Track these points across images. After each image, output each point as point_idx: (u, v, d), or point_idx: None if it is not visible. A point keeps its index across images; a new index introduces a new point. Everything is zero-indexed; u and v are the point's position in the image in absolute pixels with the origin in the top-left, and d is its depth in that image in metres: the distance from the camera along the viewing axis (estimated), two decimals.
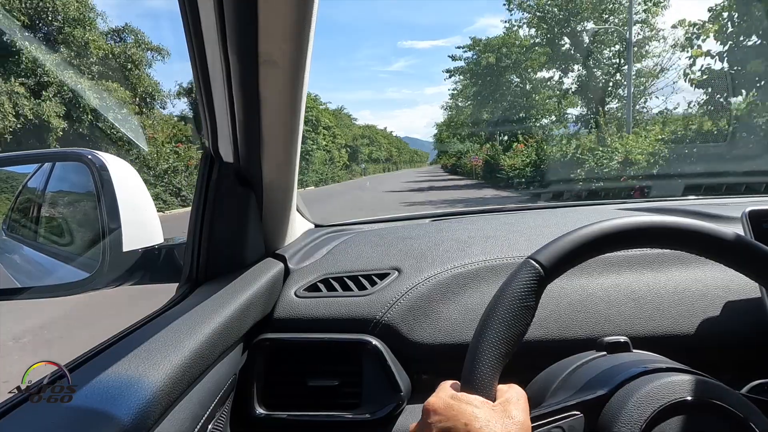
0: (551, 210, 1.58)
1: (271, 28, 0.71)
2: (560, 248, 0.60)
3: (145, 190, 0.94)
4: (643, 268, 1.00)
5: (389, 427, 0.90)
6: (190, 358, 0.66)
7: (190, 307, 0.80)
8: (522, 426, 0.51)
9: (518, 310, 0.57)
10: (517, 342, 0.57)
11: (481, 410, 0.52)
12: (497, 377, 0.56)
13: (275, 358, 0.95)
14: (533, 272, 0.59)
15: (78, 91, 14.58)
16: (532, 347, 0.87)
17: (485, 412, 0.52)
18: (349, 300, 0.98)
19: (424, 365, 0.95)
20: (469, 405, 0.52)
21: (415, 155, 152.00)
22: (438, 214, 1.66)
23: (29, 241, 1.40)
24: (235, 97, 0.81)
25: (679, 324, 0.92)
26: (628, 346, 0.68)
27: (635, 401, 0.55)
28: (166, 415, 0.60)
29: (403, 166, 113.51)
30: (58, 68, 14.65)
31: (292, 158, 0.97)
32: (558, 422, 0.56)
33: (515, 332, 0.57)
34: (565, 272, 0.61)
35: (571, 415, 0.56)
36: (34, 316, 4.24)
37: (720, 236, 0.62)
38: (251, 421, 0.91)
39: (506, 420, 0.51)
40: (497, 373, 0.55)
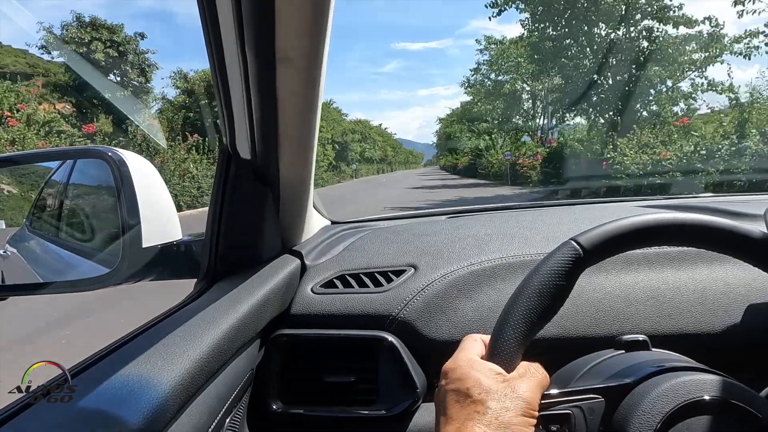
0: (568, 207, 1.56)
1: (288, 26, 0.71)
2: (603, 233, 0.60)
3: (163, 187, 0.95)
4: (663, 266, 0.99)
5: (405, 424, 0.90)
6: (208, 353, 0.67)
7: (208, 302, 0.80)
8: (525, 402, 0.52)
9: (552, 286, 0.58)
10: (546, 317, 0.58)
11: (488, 380, 0.53)
12: (521, 350, 0.56)
13: (292, 353, 0.96)
14: (573, 252, 0.59)
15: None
16: (550, 345, 0.87)
17: (491, 381, 0.53)
18: (365, 296, 0.98)
19: (441, 362, 0.95)
20: (479, 372, 0.54)
21: (410, 155, 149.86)
22: (455, 211, 1.66)
23: (51, 237, 1.43)
24: (253, 94, 0.81)
25: (700, 323, 0.91)
26: (647, 345, 0.67)
27: (655, 396, 0.55)
28: (184, 409, 0.61)
29: (398, 167, 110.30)
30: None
31: (308, 155, 0.97)
32: (578, 402, 0.56)
33: (545, 307, 0.57)
34: (602, 261, 0.61)
35: (592, 397, 0.57)
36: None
37: (749, 235, 0.61)
38: (268, 416, 0.92)
39: (509, 392, 0.52)
40: (522, 346, 0.56)
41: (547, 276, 0.58)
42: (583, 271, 0.61)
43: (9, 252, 1.49)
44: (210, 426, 0.68)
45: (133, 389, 0.55)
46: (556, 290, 0.58)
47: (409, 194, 20.84)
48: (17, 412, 0.53)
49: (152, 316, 0.81)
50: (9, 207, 6.16)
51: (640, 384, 0.57)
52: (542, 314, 0.57)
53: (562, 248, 0.60)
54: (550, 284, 0.58)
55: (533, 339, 0.58)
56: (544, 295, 0.58)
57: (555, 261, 0.59)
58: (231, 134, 0.93)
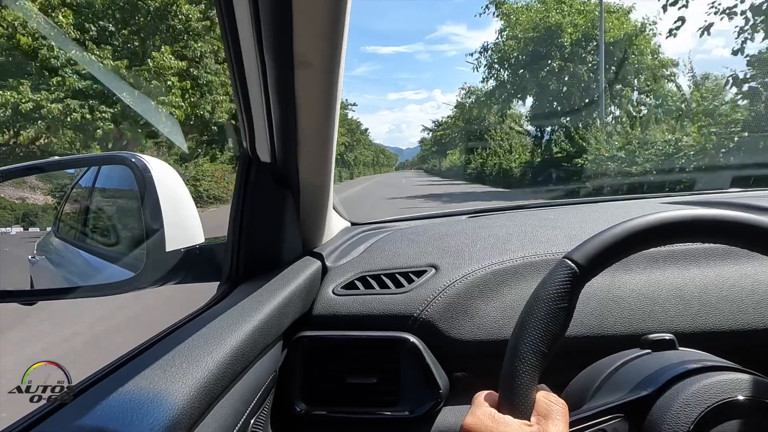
0: (591, 205, 1.54)
1: (306, 29, 0.71)
2: (596, 246, 0.58)
3: (186, 192, 0.96)
4: (689, 263, 0.97)
5: (428, 425, 0.90)
6: (231, 355, 0.67)
7: (230, 305, 0.81)
8: None
9: (553, 312, 0.55)
10: (554, 346, 0.55)
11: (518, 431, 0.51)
12: (534, 387, 0.54)
13: (314, 355, 0.96)
14: (568, 272, 0.57)
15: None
16: (574, 345, 0.86)
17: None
18: (386, 297, 0.98)
19: (463, 363, 0.95)
20: (505, 426, 0.51)
21: (381, 155, 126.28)
22: (475, 211, 1.65)
23: (77, 242, 1.46)
24: (272, 98, 0.82)
25: (728, 321, 0.89)
26: (674, 344, 0.66)
27: (681, 402, 0.53)
28: (209, 411, 0.62)
29: (366, 170, 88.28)
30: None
31: (328, 157, 0.98)
32: (600, 425, 0.54)
33: (551, 337, 0.55)
34: (605, 269, 0.59)
35: (614, 417, 0.55)
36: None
37: (759, 225, 0.58)
38: (291, 417, 0.93)
39: None
40: (534, 382, 0.54)
41: (548, 303, 0.56)
42: (604, 272, 0.59)
43: (37, 258, 1.53)
44: (235, 427, 0.69)
45: (159, 391, 0.56)
46: (559, 314, 0.56)
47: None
48: (43, 418, 0.54)
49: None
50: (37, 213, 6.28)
51: (664, 392, 0.55)
52: (550, 343, 0.55)
53: (558, 269, 0.58)
54: (553, 310, 0.55)
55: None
56: (548, 323, 0.55)
57: (553, 285, 0.56)
58: (251, 138, 0.94)
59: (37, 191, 2.72)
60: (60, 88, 13.57)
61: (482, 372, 0.63)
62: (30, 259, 1.51)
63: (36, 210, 2.41)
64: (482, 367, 0.70)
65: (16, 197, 3.46)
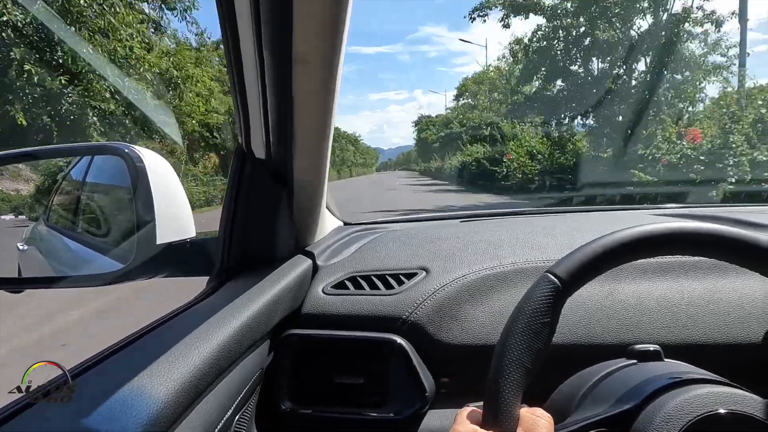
0: (584, 214, 1.55)
1: (306, 27, 0.71)
2: (578, 260, 0.58)
3: (179, 185, 0.96)
4: (678, 275, 0.98)
5: (414, 428, 0.90)
6: (218, 351, 0.67)
7: (219, 300, 0.81)
8: None
9: (536, 328, 0.55)
10: (538, 362, 0.55)
11: None
12: (518, 402, 0.54)
13: (302, 353, 0.96)
14: (550, 287, 0.57)
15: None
16: (561, 352, 0.86)
17: None
18: (376, 298, 0.98)
19: (449, 366, 0.95)
20: None
21: (366, 155, 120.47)
22: (468, 215, 1.65)
23: (67, 231, 1.45)
24: (269, 94, 0.82)
25: (714, 334, 0.90)
26: (659, 355, 0.66)
27: (663, 416, 0.53)
28: (194, 406, 0.61)
29: (344, 170, 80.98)
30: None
31: (323, 156, 0.97)
32: None
33: (535, 352, 0.55)
34: (594, 279, 0.59)
35: (598, 431, 0.55)
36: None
37: (751, 242, 0.58)
38: (277, 415, 0.92)
39: None
40: (518, 399, 0.54)
41: (531, 318, 0.56)
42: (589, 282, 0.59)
43: (26, 246, 1.52)
44: (219, 423, 0.68)
45: (143, 385, 0.56)
46: (542, 330, 0.56)
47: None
48: (16, 413, 0.53)
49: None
50: (26, 200, 6.25)
51: (646, 405, 0.56)
52: (534, 359, 0.55)
53: (540, 284, 0.58)
54: (535, 326, 0.55)
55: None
56: (531, 339, 0.55)
57: (536, 300, 0.57)
58: (246, 134, 0.93)
59: (30, 183, 2.71)
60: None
61: (469, 375, 0.63)
62: (19, 246, 1.50)
63: (26, 199, 2.41)
64: (469, 370, 0.70)
65: (12, 189, 3.45)
